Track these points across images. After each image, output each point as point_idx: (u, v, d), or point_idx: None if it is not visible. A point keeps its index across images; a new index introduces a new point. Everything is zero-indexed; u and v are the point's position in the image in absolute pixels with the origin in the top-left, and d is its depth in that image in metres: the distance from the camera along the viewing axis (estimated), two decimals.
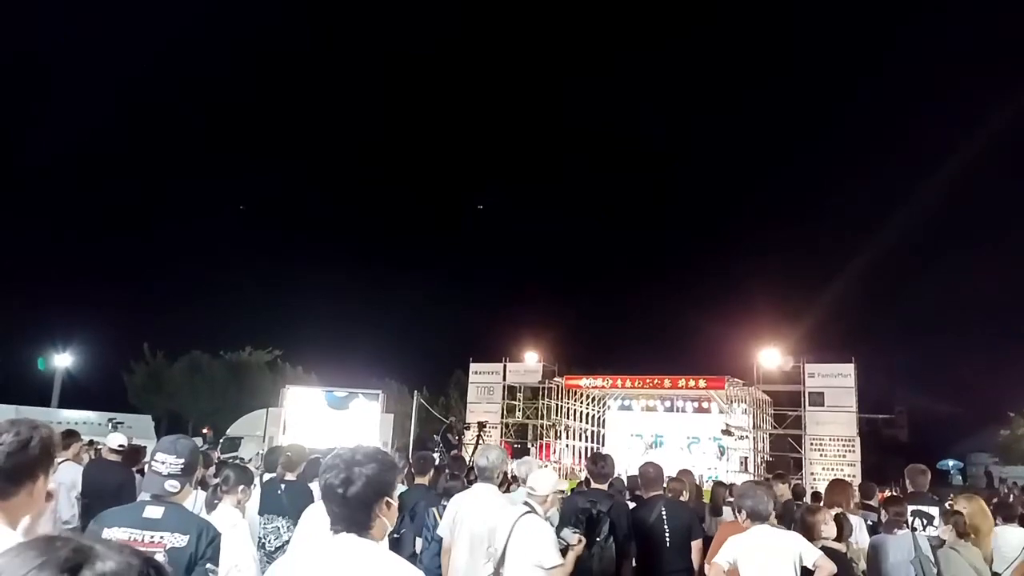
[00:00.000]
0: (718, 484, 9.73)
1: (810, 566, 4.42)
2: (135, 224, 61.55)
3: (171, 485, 2.94)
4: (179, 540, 2.79)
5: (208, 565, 2.84)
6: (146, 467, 3.16)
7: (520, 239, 68.45)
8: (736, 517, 5.14)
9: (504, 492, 7.64)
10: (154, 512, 2.85)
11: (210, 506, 4.59)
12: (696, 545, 5.66)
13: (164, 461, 2.96)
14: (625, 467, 19.10)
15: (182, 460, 2.98)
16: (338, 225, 68.64)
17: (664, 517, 5.76)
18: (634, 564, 5.84)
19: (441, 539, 5.10)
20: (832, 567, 4.42)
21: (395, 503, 2.30)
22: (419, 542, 5.54)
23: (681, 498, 7.12)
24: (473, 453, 20.45)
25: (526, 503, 4.66)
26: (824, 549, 5.07)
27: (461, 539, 4.89)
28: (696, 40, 74.80)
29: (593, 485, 5.99)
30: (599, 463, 6.06)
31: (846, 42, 74.46)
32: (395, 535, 5.66)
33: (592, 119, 79.03)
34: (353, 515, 2.16)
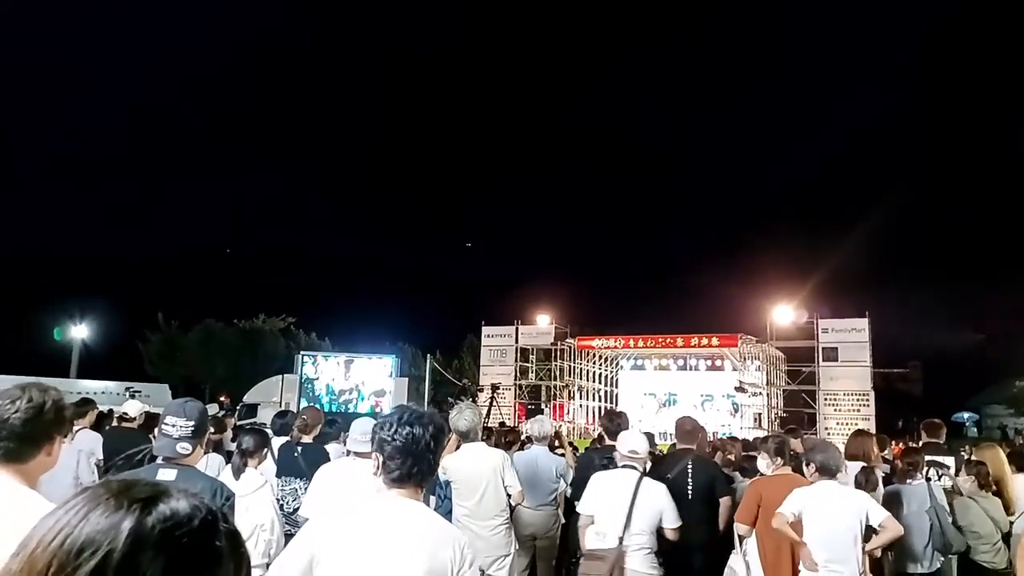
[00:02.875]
0: (731, 440, 9.85)
1: (876, 526, 4.41)
2: (135, 224, 61.46)
3: (183, 447, 2.95)
4: None
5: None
6: (156, 431, 3.18)
7: (520, 234, 68.41)
8: (767, 470, 5.16)
9: (518, 451, 7.69)
10: (167, 475, 2.86)
11: (237, 472, 4.65)
12: (724, 502, 5.63)
13: (175, 424, 2.97)
14: (638, 425, 19.24)
15: (192, 422, 2.99)
16: (338, 225, 68.47)
17: (689, 471, 5.74)
18: None
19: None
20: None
21: None
22: (432, 500, 5.61)
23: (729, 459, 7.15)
24: (487, 415, 20.64)
25: (629, 466, 4.89)
26: None
27: (459, 498, 5.01)
28: (696, 40, 73.96)
29: (607, 442, 6.03)
30: (614, 420, 6.12)
31: (846, 42, 73.45)
32: None
33: (592, 119, 78.42)
34: (425, 473, 2.20)
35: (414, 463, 2.15)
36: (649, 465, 5.19)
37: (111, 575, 0.73)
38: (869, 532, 4.53)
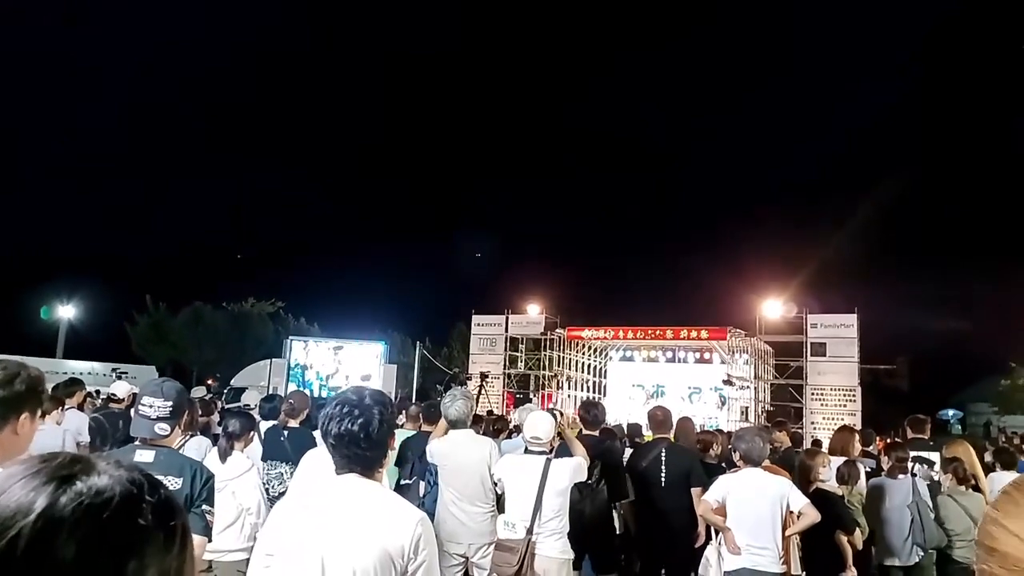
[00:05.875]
0: (718, 432, 9.91)
1: (795, 511, 4.48)
2: (135, 224, 60.83)
3: (161, 428, 2.88)
4: (173, 483, 2.75)
5: (204, 507, 2.82)
6: (132, 412, 3.11)
7: (512, 225, 68.47)
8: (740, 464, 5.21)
9: (506, 439, 7.71)
10: (145, 456, 2.81)
11: (224, 455, 4.63)
12: (696, 492, 5.68)
13: (152, 404, 2.89)
14: (626, 416, 19.30)
15: (170, 403, 2.91)
16: (338, 224, 68.12)
17: (663, 459, 5.81)
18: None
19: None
20: (816, 516, 4.48)
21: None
22: (422, 486, 5.61)
23: (711, 451, 7.14)
24: (476, 402, 20.64)
25: (533, 451, 4.66)
26: (818, 492, 5.13)
27: (445, 482, 4.99)
28: (696, 40, 74.02)
29: (584, 432, 6.05)
30: (590, 410, 6.21)
31: (846, 42, 73.68)
32: (406, 481, 5.71)
33: (592, 119, 78.36)
34: (374, 456, 2.16)
35: (355, 455, 2.15)
36: (552, 449, 5.06)
37: (21, 556, 0.68)
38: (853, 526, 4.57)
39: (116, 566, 0.72)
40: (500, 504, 4.86)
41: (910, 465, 6.07)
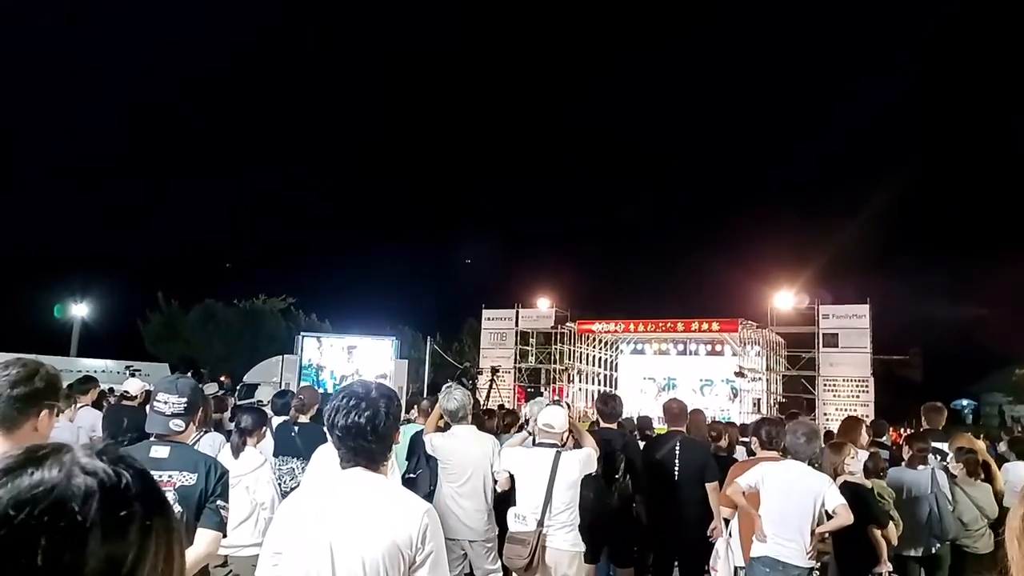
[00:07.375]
0: (729, 424, 9.89)
1: (830, 510, 4.44)
2: (135, 224, 60.90)
3: (176, 424, 2.90)
4: (188, 478, 2.78)
5: (219, 502, 2.83)
6: (148, 408, 3.13)
7: (521, 220, 68.45)
8: (756, 451, 5.17)
9: (516, 432, 7.71)
10: (160, 452, 2.83)
11: (237, 451, 4.65)
12: (710, 487, 5.66)
13: (167, 401, 2.91)
14: (637, 409, 19.29)
15: (184, 399, 2.94)
16: (338, 224, 68.10)
17: (676, 452, 5.79)
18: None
19: None
20: (849, 518, 4.42)
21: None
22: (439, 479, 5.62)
23: (720, 442, 7.12)
24: (487, 397, 20.68)
25: (544, 443, 4.62)
26: (847, 484, 5.09)
27: (445, 477, 4.98)
28: (696, 40, 73.87)
29: (603, 425, 6.03)
30: (608, 403, 6.13)
31: (846, 42, 73.35)
32: (411, 475, 5.72)
33: (592, 119, 78.21)
34: (379, 449, 2.19)
35: (361, 448, 2.17)
36: (571, 442, 5.01)
37: None
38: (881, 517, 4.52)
39: (50, 557, 0.71)
40: (511, 497, 4.84)
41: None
